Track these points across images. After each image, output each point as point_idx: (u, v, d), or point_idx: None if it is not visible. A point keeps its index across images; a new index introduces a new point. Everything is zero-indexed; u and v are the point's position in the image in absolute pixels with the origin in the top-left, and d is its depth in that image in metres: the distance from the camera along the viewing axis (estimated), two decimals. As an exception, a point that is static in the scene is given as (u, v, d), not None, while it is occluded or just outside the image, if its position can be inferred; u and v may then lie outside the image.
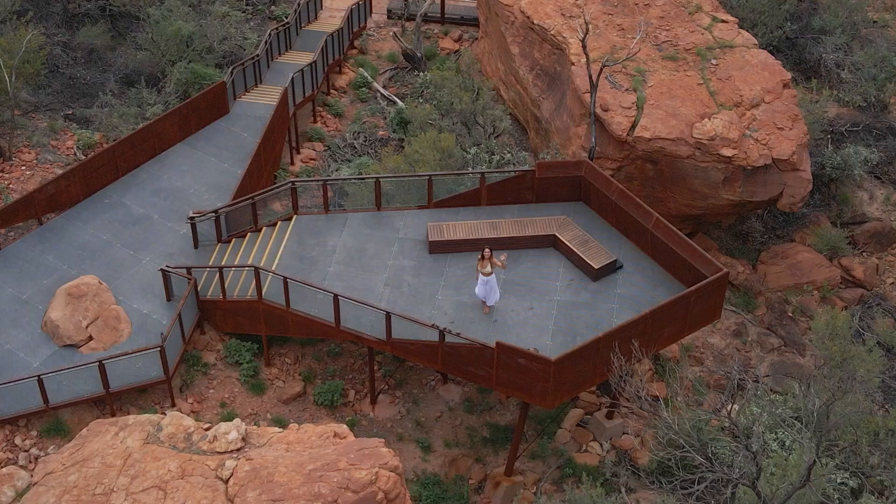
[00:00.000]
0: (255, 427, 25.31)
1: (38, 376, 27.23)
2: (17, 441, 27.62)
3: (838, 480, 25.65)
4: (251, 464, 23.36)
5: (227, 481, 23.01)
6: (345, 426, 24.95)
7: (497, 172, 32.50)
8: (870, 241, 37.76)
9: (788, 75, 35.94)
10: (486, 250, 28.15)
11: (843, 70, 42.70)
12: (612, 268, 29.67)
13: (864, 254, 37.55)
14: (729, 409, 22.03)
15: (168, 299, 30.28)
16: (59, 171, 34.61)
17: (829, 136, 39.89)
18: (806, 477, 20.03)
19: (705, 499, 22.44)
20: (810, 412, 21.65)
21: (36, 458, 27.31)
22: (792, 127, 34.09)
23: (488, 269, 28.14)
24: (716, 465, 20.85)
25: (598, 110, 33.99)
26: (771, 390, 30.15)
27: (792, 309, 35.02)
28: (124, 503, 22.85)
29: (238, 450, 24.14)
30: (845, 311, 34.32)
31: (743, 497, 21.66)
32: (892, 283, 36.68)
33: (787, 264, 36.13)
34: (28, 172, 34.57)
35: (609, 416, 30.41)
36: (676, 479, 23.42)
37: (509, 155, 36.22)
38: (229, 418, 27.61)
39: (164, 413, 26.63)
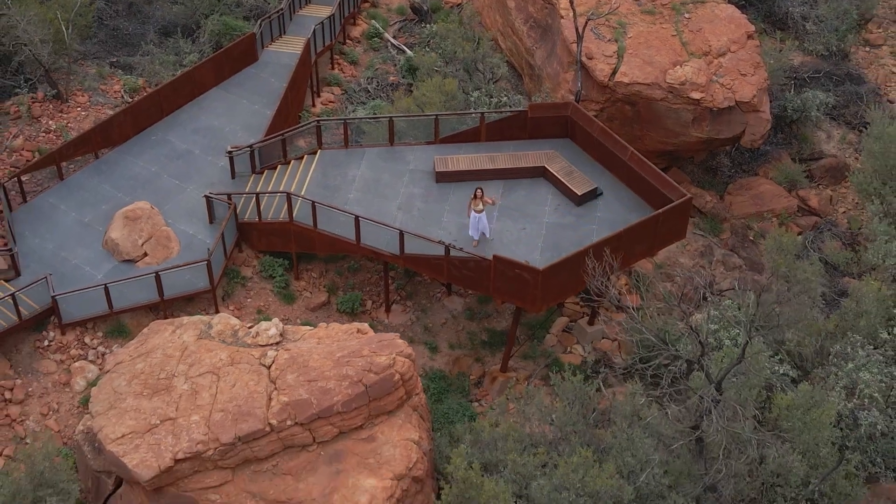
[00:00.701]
0: (289, 326, 29.24)
1: (105, 285, 30.98)
2: (87, 340, 31.52)
3: (781, 372, 29.66)
4: (289, 353, 27.28)
5: (269, 367, 26.89)
6: (366, 324, 28.83)
7: (495, 113, 35.95)
8: (825, 175, 41.43)
9: (752, 27, 39.50)
10: (479, 190, 31.54)
11: (808, 22, 46.12)
12: (594, 194, 33.29)
13: (819, 186, 41.24)
14: (677, 300, 25.76)
15: (210, 222, 33.97)
16: (110, 112, 38.14)
17: (792, 82, 43.38)
18: (741, 354, 23.96)
19: (662, 376, 26.35)
20: (746, 305, 25.48)
21: (102, 355, 31.19)
22: (754, 73, 37.74)
23: (480, 206, 31.53)
24: (669, 346, 24.75)
25: (584, 58, 37.55)
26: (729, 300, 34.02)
27: (753, 234, 38.80)
28: (184, 385, 26.78)
29: (277, 343, 27.98)
30: (800, 235, 38.28)
31: (696, 379, 25.56)
32: (844, 212, 40.40)
33: (751, 195, 39.82)
34: (83, 113, 38.24)
35: (590, 322, 34.26)
36: (637, 355, 27.41)
37: (506, 98, 39.66)
38: (266, 322, 31.52)
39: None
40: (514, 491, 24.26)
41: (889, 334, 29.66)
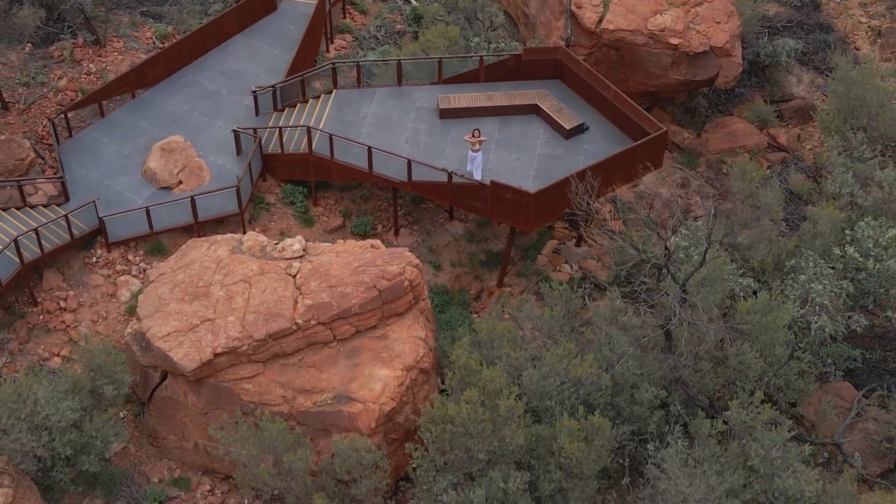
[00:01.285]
0: (310, 243, 32.20)
1: (146, 208, 33.95)
2: (130, 257, 34.46)
3: (744, 284, 32.71)
4: (312, 264, 30.25)
5: (294, 276, 29.84)
6: (379, 241, 31.86)
7: (493, 56, 38.60)
8: (794, 115, 44.20)
9: (727, -21, 42.23)
10: (476, 130, 34.39)
11: (783, -26, 48.81)
12: (580, 129, 36.09)
13: (788, 125, 44.00)
14: (654, 223, 28.76)
15: (238, 154, 36.72)
16: (143, 57, 40.80)
17: (766, 30, 46.03)
18: (702, 259, 27.03)
19: (638, 288, 29.42)
20: (706, 219, 28.41)
21: (144, 270, 34.12)
22: (727, 21, 40.45)
23: (477, 146, 34.46)
24: (641, 252, 27.77)
25: (573, 7, 40.14)
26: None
27: (726, 167, 41.62)
28: (220, 292, 29.76)
29: (300, 257, 30.83)
30: (769, 169, 41.22)
31: (666, 284, 28.58)
32: (810, 149, 43.20)
33: (725, 132, 42.58)
34: (119, 57, 41.03)
35: (577, 244, 37.25)
36: (616, 261, 30.52)
37: (503, 43, 42.07)
38: (289, 241, 34.44)
39: (240, 236, 33.41)
40: (508, 381, 27.33)
41: (840, 251, 32.67)
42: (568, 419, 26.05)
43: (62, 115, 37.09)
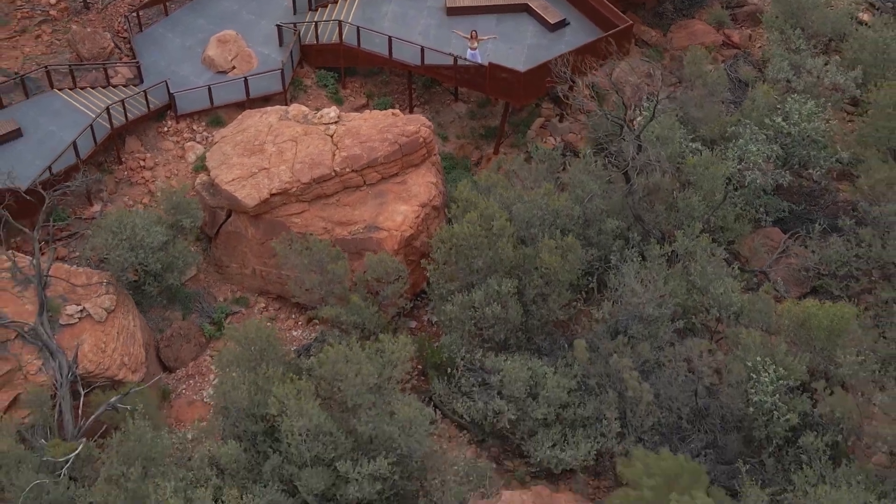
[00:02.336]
0: (343, 113, 37.60)
1: (209, 86, 39.30)
2: (194, 127, 39.71)
3: (692, 146, 38.07)
4: (345, 127, 35.64)
5: (332, 136, 35.20)
6: (398, 110, 37.33)
7: (491, -35, 43.91)
8: (747, 18, 49.16)
9: None
10: (473, 31, 39.36)
11: None
12: (563, 24, 41.03)
13: (742, 27, 49.15)
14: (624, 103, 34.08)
15: (280, 45, 41.68)
16: (198, -34, 46.05)
17: (726, -55, 50.96)
18: (652, 114, 32.44)
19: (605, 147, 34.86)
20: (657, 86, 33.72)
21: (206, 138, 39.47)
22: (688, -66, 45.47)
23: (475, 45, 39.57)
24: (605, 112, 33.19)
25: (559, -77, 45.16)
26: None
27: (686, 60, 46.83)
28: (273, 148, 35.08)
29: (335, 122, 36.19)
30: (723, 63, 46.41)
31: (625, 134, 34.00)
32: (759, 47, 48.12)
33: (687, 32, 47.55)
34: (178, -34, 46.14)
35: (560, 120, 42.58)
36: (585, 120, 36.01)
37: (500, -44, 47.41)
38: (324, 115, 39.69)
39: (284, 110, 38.70)
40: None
41: (771, 121, 37.98)
42: (548, 239, 31.61)
43: (134, 14, 42.14)
